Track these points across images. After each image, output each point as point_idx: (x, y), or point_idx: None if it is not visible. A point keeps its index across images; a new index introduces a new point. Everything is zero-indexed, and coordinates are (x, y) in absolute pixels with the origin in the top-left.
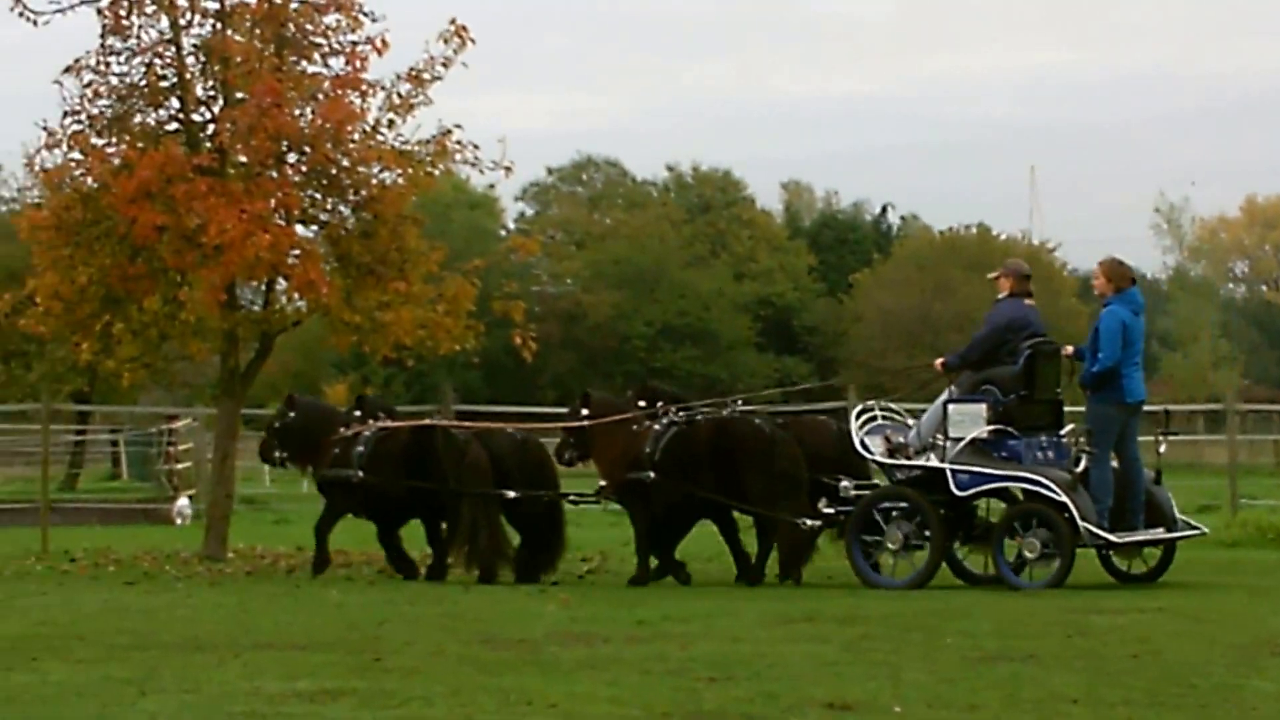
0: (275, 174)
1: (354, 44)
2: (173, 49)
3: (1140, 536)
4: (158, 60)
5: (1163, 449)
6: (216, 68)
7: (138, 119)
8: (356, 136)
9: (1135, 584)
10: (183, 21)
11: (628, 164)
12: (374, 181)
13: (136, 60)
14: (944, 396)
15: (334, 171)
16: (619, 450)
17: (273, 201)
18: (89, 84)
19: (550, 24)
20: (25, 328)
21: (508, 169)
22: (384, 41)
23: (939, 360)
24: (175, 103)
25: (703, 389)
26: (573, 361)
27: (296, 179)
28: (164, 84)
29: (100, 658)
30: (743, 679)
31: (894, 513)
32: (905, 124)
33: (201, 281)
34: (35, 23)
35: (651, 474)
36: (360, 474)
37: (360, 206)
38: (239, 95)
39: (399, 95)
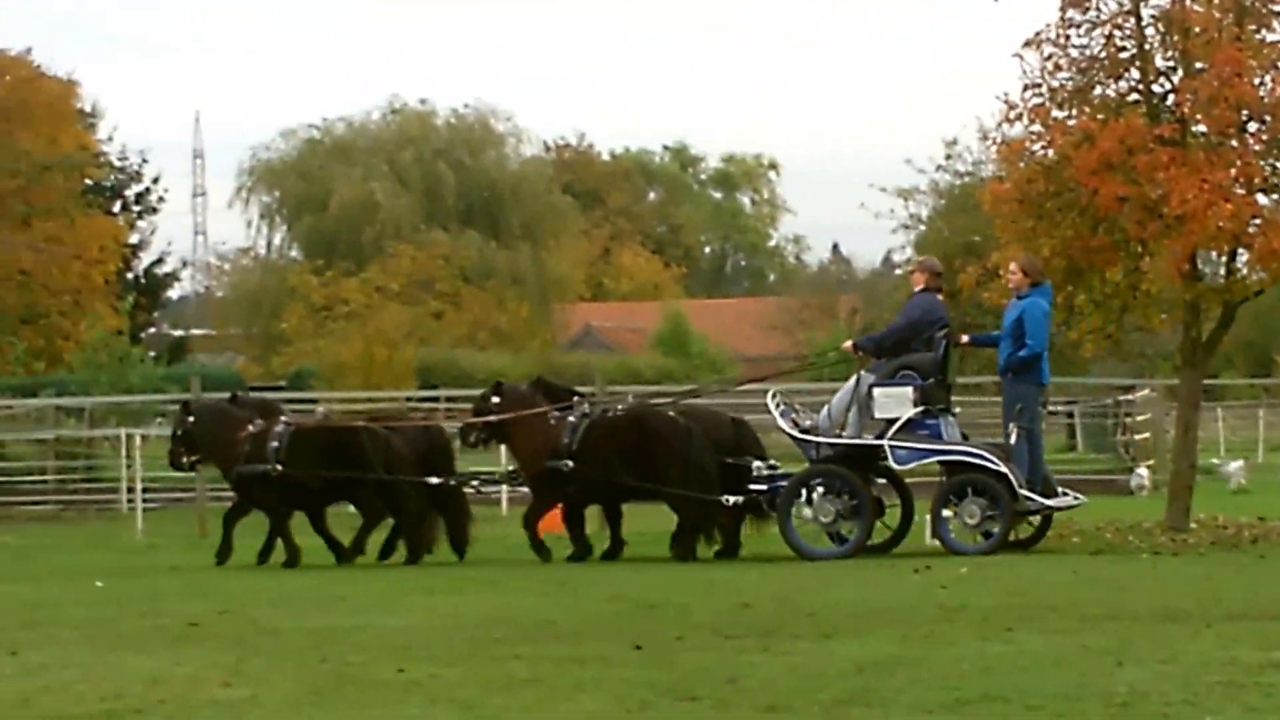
0: (1235, 144)
1: None
2: (1132, 20)
3: (1055, 502)
4: (1117, 32)
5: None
6: (1176, 38)
7: (1098, 91)
8: None
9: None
10: None
11: None
12: None
13: (1096, 32)
14: (853, 380)
15: None
16: (539, 440)
17: (1233, 171)
18: (1049, 57)
19: None
20: (989, 300)
21: None
22: None
23: (849, 343)
24: (1135, 74)
25: None
26: None
27: (1257, 148)
28: (1124, 55)
29: (1074, 628)
30: None
31: (820, 489)
32: None
33: (1163, 252)
34: None
35: (569, 462)
36: (278, 467)
37: None
38: (1198, 65)
39: None
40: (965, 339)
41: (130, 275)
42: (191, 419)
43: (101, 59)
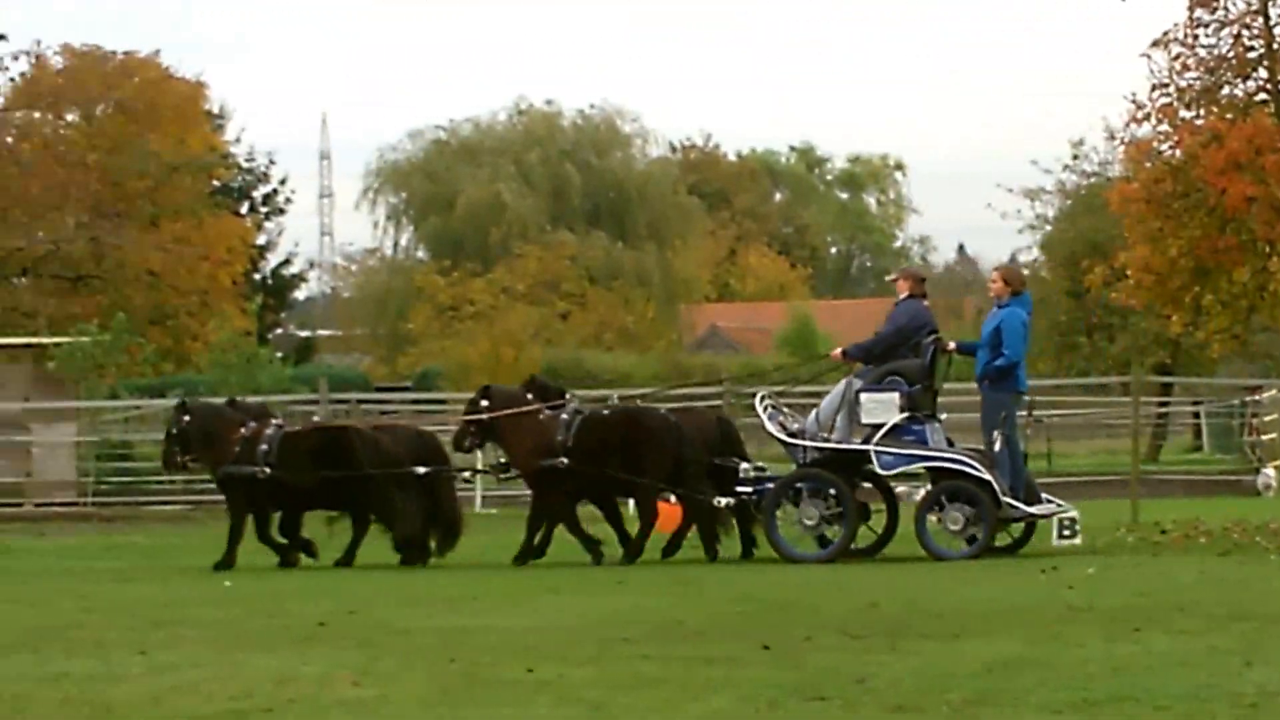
0: None
1: None
2: (1260, 19)
3: (1039, 510)
4: (1245, 31)
5: (1029, 432)
6: None
7: (1225, 90)
8: None
9: (1000, 555)
10: None
11: None
12: None
13: (1224, 32)
14: (842, 385)
15: None
16: (532, 440)
17: None
18: (1176, 57)
19: None
20: (1116, 300)
21: None
22: None
23: (838, 350)
24: (1263, 73)
25: None
26: None
27: None
28: (1251, 55)
29: (1201, 629)
30: None
31: (805, 492)
32: None
33: None
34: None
35: (565, 460)
36: (266, 470)
37: None
38: None
39: None
40: (952, 346)
41: (257, 276)
42: (187, 418)
43: (230, 61)
